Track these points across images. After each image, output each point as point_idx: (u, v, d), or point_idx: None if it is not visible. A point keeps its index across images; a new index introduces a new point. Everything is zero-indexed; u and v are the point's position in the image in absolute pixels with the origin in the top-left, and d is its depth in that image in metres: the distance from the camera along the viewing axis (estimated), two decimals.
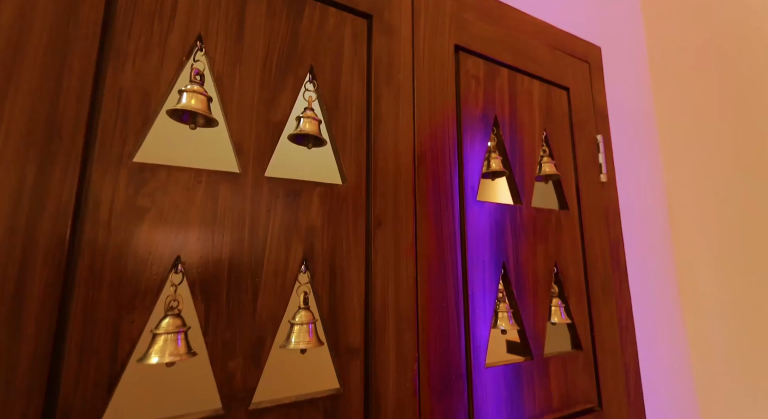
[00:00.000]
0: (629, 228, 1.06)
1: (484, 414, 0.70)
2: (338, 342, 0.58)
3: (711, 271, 1.09)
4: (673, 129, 1.21)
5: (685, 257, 1.15)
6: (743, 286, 1.02)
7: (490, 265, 0.77)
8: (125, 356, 0.45)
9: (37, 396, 0.40)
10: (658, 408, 0.98)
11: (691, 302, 1.12)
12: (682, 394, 1.04)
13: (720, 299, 1.06)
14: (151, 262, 0.48)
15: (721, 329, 1.06)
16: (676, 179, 1.19)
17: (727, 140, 1.08)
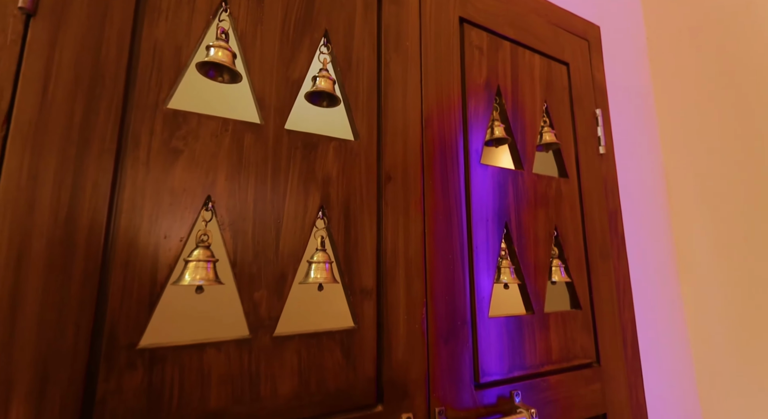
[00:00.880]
0: (627, 199, 1.10)
1: (487, 359, 0.74)
2: (352, 283, 0.63)
3: (707, 241, 1.13)
4: (671, 105, 1.25)
5: (682, 228, 1.19)
6: (739, 254, 1.06)
7: (493, 224, 0.82)
8: (163, 279, 0.50)
9: (88, 308, 0.45)
10: (655, 368, 1.02)
11: (688, 270, 1.16)
12: (678, 357, 1.08)
13: (716, 268, 1.10)
14: (185, 198, 0.52)
15: (717, 295, 1.10)
16: (673, 152, 1.23)
17: (723, 115, 1.12)
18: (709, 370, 1.09)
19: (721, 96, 1.13)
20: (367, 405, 0.61)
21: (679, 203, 1.20)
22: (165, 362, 0.48)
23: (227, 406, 0.51)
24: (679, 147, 1.22)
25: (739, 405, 1.02)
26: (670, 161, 1.24)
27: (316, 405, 0.56)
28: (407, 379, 0.65)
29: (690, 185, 1.18)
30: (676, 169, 1.22)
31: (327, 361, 0.58)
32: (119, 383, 0.45)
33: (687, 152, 1.20)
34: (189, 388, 0.49)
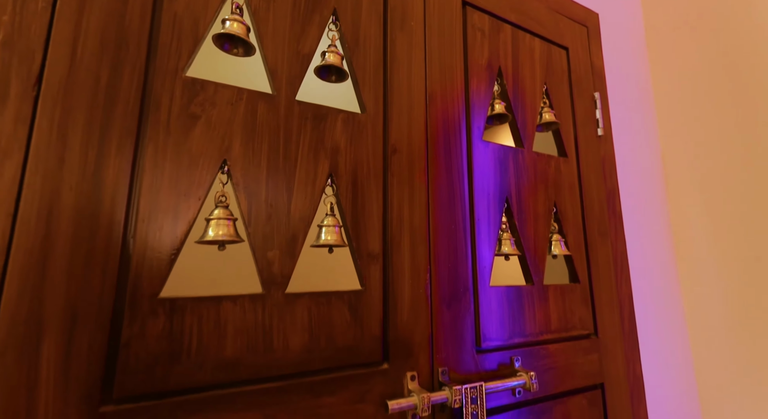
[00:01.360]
0: (625, 179, 1.13)
1: (488, 325, 0.77)
2: (360, 247, 0.66)
3: (703, 221, 1.15)
4: (668, 90, 1.28)
5: (679, 208, 1.21)
6: (734, 232, 1.09)
7: (494, 198, 0.85)
8: (183, 234, 0.52)
9: (113, 258, 0.48)
10: (652, 342, 1.04)
11: (684, 249, 1.19)
12: (674, 332, 1.11)
13: (711, 246, 1.13)
14: (203, 160, 0.55)
15: (713, 273, 1.12)
16: (670, 135, 1.26)
17: (719, 99, 1.15)
18: (705, 346, 1.12)
19: (717, 81, 1.16)
20: (373, 362, 0.64)
21: (676, 184, 1.23)
22: (184, 312, 0.51)
23: (242, 355, 0.53)
24: (676, 130, 1.24)
25: (734, 379, 1.05)
26: (666, 143, 1.26)
27: (325, 359, 0.59)
28: (412, 340, 0.67)
29: (686, 167, 1.21)
30: (672, 151, 1.25)
31: (336, 319, 0.61)
32: (142, 329, 0.48)
33: (683, 135, 1.22)
34: (207, 337, 0.52)
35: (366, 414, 0.61)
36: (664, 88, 1.29)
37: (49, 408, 0.43)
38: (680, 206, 1.21)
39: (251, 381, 0.54)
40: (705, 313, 1.12)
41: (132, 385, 0.47)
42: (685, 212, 1.20)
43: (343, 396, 0.59)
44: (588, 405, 0.88)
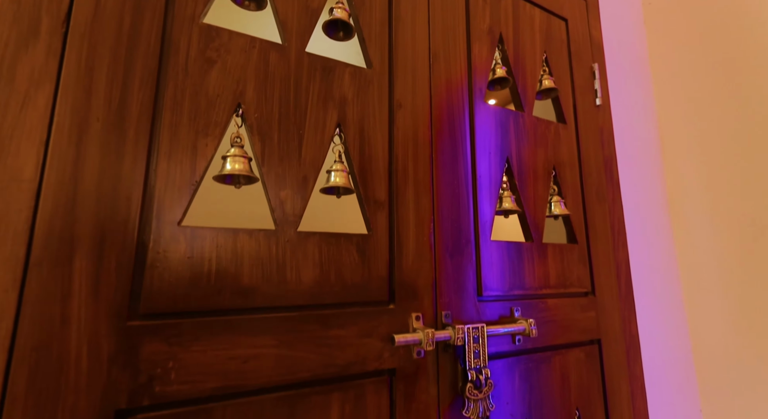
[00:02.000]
0: (622, 149, 1.16)
1: (489, 276, 0.80)
2: (367, 194, 0.69)
3: (698, 190, 1.18)
4: (665, 63, 1.30)
5: (675, 178, 1.24)
6: (730, 199, 1.12)
7: (496, 157, 0.87)
8: (202, 170, 0.56)
9: (137, 185, 0.51)
10: (648, 304, 1.08)
11: (680, 217, 1.22)
12: (669, 294, 1.14)
13: (707, 215, 1.16)
14: (219, 102, 0.58)
15: (708, 240, 1.15)
16: (666, 107, 1.29)
17: (716, 71, 1.18)
18: (700, 308, 1.15)
19: (713, 52, 1.19)
20: (380, 301, 0.67)
21: (673, 154, 1.26)
22: (204, 240, 0.54)
23: (258, 285, 0.57)
24: (673, 102, 1.27)
25: (728, 339, 1.08)
26: (664, 114, 1.29)
27: (335, 294, 0.62)
28: (416, 284, 0.71)
29: (683, 137, 1.24)
30: (669, 122, 1.27)
31: (344, 259, 0.64)
32: (165, 252, 0.51)
33: (680, 107, 1.25)
34: (225, 264, 0.55)
35: (373, 348, 0.64)
36: (661, 61, 1.31)
37: (81, 317, 0.46)
38: (677, 175, 1.24)
39: (266, 309, 0.57)
40: (700, 277, 1.16)
41: (156, 303, 0.50)
42: (682, 180, 1.22)
43: (352, 330, 0.63)
44: (585, 358, 0.91)
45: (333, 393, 0.60)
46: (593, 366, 0.92)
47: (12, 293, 0.43)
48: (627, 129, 1.19)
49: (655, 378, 1.04)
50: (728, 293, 1.09)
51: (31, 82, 0.47)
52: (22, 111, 0.46)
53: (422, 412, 0.67)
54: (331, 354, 0.60)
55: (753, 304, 1.04)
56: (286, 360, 0.57)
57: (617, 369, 0.96)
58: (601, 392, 0.92)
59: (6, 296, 0.43)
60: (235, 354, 0.53)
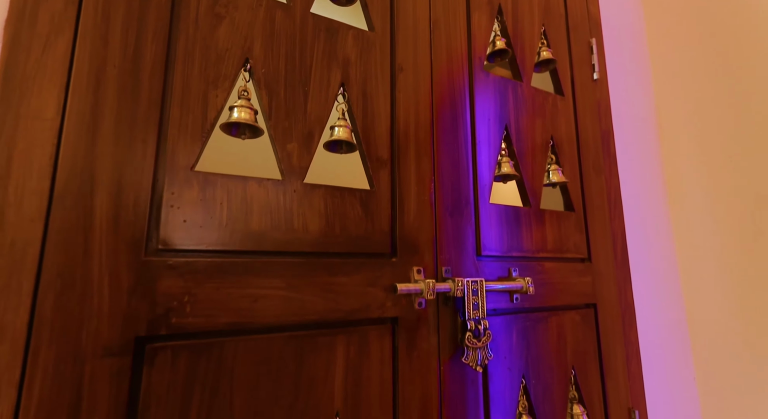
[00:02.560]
0: (619, 123, 1.18)
1: (487, 236, 0.83)
2: (369, 151, 0.71)
3: (694, 164, 1.21)
4: (662, 39, 1.32)
5: (671, 152, 1.27)
6: (724, 175, 1.14)
7: (495, 123, 0.90)
8: (212, 119, 0.58)
9: (152, 130, 0.53)
10: (643, 273, 1.10)
11: (676, 190, 1.24)
12: (664, 264, 1.17)
13: (702, 189, 1.18)
14: (228, 57, 0.61)
15: (703, 213, 1.18)
16: (663, 83, 1.31)
17: (713, 48, 1.19)
18: (695, 278, 1.17)
19: (710, 31, 1.20)
20: (383, 254, 0.70)
21: (669, 131, 1.28)
22: (216, 185, 0.57)
23: (267, 231, 0.59)
24: (670, 78, 1.29)
25: (723, 313, 1.11)
26: (660, 91, 1.31)
27: (340, 244, 0.65)
28: (418, 240, 0.73)
29: (680, 114, 1.26)
30: (666, 98, 1.29)
31: (349, 212, 0.67)
32: (180, 195, 0.54)
33: (677, 83, 1.27)
34: (235, 210, 0.57)
35: (376, 296, 0.67)
36: (659, 37, 1.33)
37: (102, 250, 0.48)
38: (673, 150, 1.26)
39: (275, 254, 0.60)
40: (695, 249, 1.18)
41: (172, 241, 0.53)
42: (678, 155, 1.25)
43: (356, 279, 0.65)
44: (581, 321, 0.94)
45: (338, 336, 0.63)
46: (589, 329, 0.95)
47: (38, 223, 0.46)
48: (624, 104, 1.22)
49: (649, 345, 1.07)
50: (723, 267, 1.12)
51: (51, 27, 0.49)
52: (44, 55, 0.49)
53: (423, 360, 0.70)
54: (337, 299, 0.63)
55: (747, 277, 1.07)
56: (294, 302, 0.59)
57: (612, 333, 0.99)
58: (597, 354, 0.95)
59: (33, 225, 0.46)
60: (246, 293, 0.56)
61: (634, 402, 0.98)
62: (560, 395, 0.85)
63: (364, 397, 0.63)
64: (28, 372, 0.43)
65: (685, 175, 1.22)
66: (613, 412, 0.93)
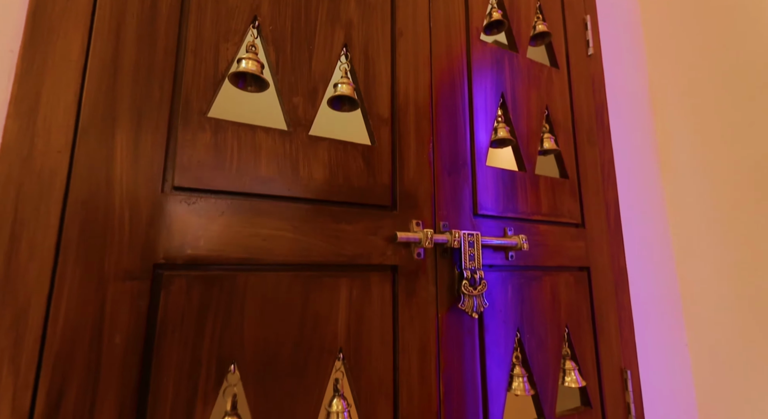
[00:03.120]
0: (613, 98, 1.22)
1: (484, 196, 0.86)
2: (371, 110, 0.75)
3: (687, 136, 1.24)
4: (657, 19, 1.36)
5: (665, 126, 1.30)
6: (717, 144, 1.18)
7: (491, 90, 0.93)
8: (223, 70, 0.62)
9: (168, 76, 0.57)
10: (636, 240, 1.14)
11: (668, 160, 1.28)
12: (657, 232, 1.20)
13: (695, 161, 1.22)
14: (237, 13, 0.64)
15: (696, 188, 1.21)
16: (658, 60, 1.34)
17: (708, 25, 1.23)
18: (687, 246, 1.21)
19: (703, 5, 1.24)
20: (384, 207, 0.73)
21: (662, 105, 1.31)
22: (227, 131, 0.60)
23: (274, 176, 0.63)
24: (664, 56, 1.33)
25: (713, 274, 1.15)
26: (654, 67, 1.35)
27: (344, 194, 0.69)
28: (417, 195, 0.77)
29: (673, 90, 1.29)
30: (659, 74, 1.33)
31: (351, 164, 0.71)
32: (194, 138, 0.58)
33: (670, 60, 1.30)
34: (245, 155, 0.61)
35: (377, 245, 0.70)
36: (653, 15, 1.37)
37: (123, 182, 0.52)
38: (666, 125, 1.29)
39: (282, 198, 0.63)
40: (687, 216, 1.22)
41: (187, 179, 0.56)
42: (671, 129, 1.28)
43: (359, 227, 0.69)
44: (575, 282, 0.97)
45: (342, 278, 0.66)
46: (582, 291, 0.98)
47: (65, 154, 0.49)
48: (618, 79, 1.25)
49: (642, 309, 1.10)
50: (714, 234, 1.15)
51: None
52: (69, 2, 0.52)
53: (422, 307, 0.73)
54: (340, 244, 0.67)
55: (738, 243, 1.11)
56: (300, 244, 0.63)
57: (605, 297, 1.02)
58: (590, 316, 0.99)
59: (59, 156, 0.49)
60: (255, 232, 0.60)
61: (627, 363, 1.01)
62: (554, 350, 0.89)
63: (365, 337, 0.67)
64: (55, 289, 0.47)
65: (678, 148, 1.26)
66: (606, 372, 0.97)
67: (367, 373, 0.66)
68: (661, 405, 1.06)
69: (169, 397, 0.51)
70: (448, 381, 0.73)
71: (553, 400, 0.86)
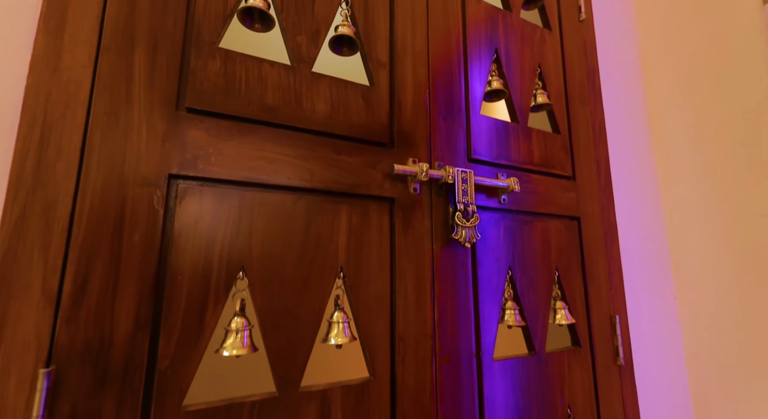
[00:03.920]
0: (605, 61, 1.26)
1: (478, 142, 0.90)
2: (370, 53, 0.79)
3: (677, 98, 1.28)
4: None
5: (654, 89, 1.34)
6: (707, 107, 1.22)
7: (485, 46, 0.98)
8: (232, 6, 0.66)
9: (181, 6, 0.62)
10: (625, 195, 1.18)
11: (659, 125, 1.32)
12: (646, 189, 1.24)
13: (684, 121, 1.26)
14: None
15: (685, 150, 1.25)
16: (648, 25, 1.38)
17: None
18: (675, 201, 1.25)
19: None
20: (383, 144, 0.78)
21: (653, 69, 1.35)
22: (236, 61, 0.65)
23: (279, 106, 0.67)
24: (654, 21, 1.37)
25: (701, 227, 1.19)
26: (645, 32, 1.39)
27: (344, 128, 0.73)
28: (414, 135, 0.81)
29: (663, 54, 1.33)
30: (650, 40, 1.37)
31: (351, 102, 0.75)
32: (205, 64, 0.62)
33: (660, 24, 1.35)
34: (252, 84, 0.65)
35: (376, 177, 0.75)
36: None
37: (141, 99, 0.57)
38: (656, 88, 1.34)
39: (287, 127, 0.68)
40: (676, 172, 1.26)
41: (199, 102, 0.61)
42: (660, 92, 1.32)
43: (358, 159, 0.73)
44: (565, 230, 1.02)
45: (342, 204, 0.71)
46: (572, 239, 1.03)
47: (88, 68, 0.54)
48: (609, 46, 1.29)
49: (631, 263, 1.14)
50: (703, 192, 1.19)
51: None
52: None
53: (418, 239, 0.78)
54: (340, 173, 0.71)
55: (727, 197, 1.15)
56: (303, 169, 0.67)
57: (595, 247, 1.06)
58: (580, 262, 1.03)
59: (84, 70, 0.54)
60: (261, 155, 0.64)
61: (616, 310, 1.05)
62: (544, 290, 0.93)
63: (364, 260, 0.71)
64: (80, 187, 0.52)
65: (668, 110, 1.30)
66: (595, 316, 1.01)
67: (366, 293, 0.70)
68: (650, 351, 1.11)
69: (183, 293, 0.55)
70: (442, 307, 0.77)
71: (543, 336, 0.90)
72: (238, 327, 0.57)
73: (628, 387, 1.02)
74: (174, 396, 0.53)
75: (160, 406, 0.52)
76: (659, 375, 1.12)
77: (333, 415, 0.62)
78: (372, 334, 0.69)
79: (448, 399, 0.74)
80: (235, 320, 0.58)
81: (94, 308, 0.50)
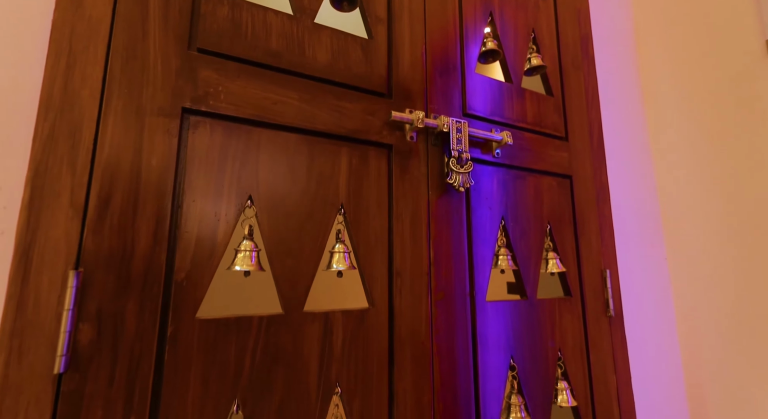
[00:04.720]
0: (598, 31, 1.29)
1: (472, 99, 0.95)
2: (369, 8, 0.84)
3: (669, 67, 1.32)
4: None
5: (647, 57, 1.37)
6: (698, 74, 1.25)
7: (480, 9, 1.02)
8: None
9: None
10: (617, 157, 1.22)
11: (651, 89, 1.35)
12: (638, 151, 1.28)
13: (676, 94, 1.29)
14: None
15: (677, 116, 1.29)
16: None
17: None
18: (666, 165, 1.29)
19: None
20: (381, 94, 0.82)
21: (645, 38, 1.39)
22: (242, 9, 0.69)
23: (283, 52, 0.72)
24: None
25: (691, 186, 1.23)
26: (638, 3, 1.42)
27: (344, 77, 0.78)
28: (411, 88, 0.85)
29: (656, 25, 1.36)
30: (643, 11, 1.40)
31: (351, 53, 0.79)
32: (214, 9, 0.67)
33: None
34: (258, 30, 0.70)
35: (375, 124, 0.79)
36: None
37: (156, 36, 0.61)
38: (648, 56, 1.37)
39: (290, 72, 0.72)
40: (667, 134, 1.29)
41: (210, 43, 0.65)
42: (653, 61, 1.36)
43: (358, 106, 0.78)
44: (558, 187, 1.06)
45: (343, 148, 0.75)
46: (564, 195, 1.07)
47: (108, 5, 0.59)
48: (603, 16, 1.32)
49: (622, 219, 1.18)
50: (694, 156, 1.23)
51: None
52: None
53: (414, 183, 0.82)
54: (341, 118, 0.76)
55: (717, 159, 1.18)
56: (305, 112, 0.72)
57: (587, 205, 1.10)
58: (571, 218, 1.07)
59: (104, 7, 0.58)
60: (266, 96, 0.69)
61: (606, 265, 1.10)
62: (536, 240, 0.97)
63: (364, 199, 0.76)
64: (103, 112, 0.56)
65: (660, 76, 1.33)
66: (586, 269, 1.05)
67: (365, 229, 0.75)
68: (640, 305, 1.15)
69: (197, 213, 0.60)
70: (437, 248, 0.82)
71: (535, 283, 0.94)
72: (246, 248, 0.62)
73: (618, 337, 1.06)
74: (189, 306, 0.58)
75: (176, 313, 0.57)
76: (649, 327, 1.16)
77: (335, 334, 0.67)
78: (371, 267, 0.74)
79: (442, 331, 0.79)
80: (244, 242, 0.63)
81: (117, 222, 0.55)
